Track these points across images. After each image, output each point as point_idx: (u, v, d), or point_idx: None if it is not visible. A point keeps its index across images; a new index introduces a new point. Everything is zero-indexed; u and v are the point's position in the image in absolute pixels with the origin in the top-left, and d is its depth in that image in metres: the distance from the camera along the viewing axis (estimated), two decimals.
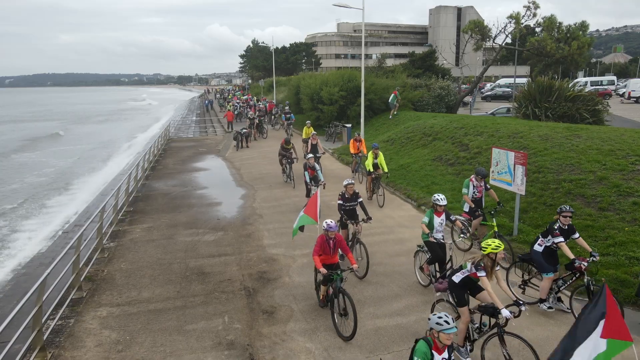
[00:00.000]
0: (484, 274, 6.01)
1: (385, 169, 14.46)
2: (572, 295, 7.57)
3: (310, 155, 14.45)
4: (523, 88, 24.24)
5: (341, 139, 26.29)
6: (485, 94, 50.62)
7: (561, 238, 7.38)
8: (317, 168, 13.94)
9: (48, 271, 7.26)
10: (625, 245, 9.07)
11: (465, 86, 40.20)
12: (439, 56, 50.73)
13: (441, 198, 8.30)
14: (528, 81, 25.99)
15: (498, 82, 59.24)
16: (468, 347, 6.39)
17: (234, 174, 19.92)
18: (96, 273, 9.82)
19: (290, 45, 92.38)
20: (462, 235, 8.58)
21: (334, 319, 7.40)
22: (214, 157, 24.55)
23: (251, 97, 49.86)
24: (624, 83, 50.51)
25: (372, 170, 14.29)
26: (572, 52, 30.42)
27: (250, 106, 40.88)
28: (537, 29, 34.03)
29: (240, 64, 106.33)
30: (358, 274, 8.98)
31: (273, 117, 36.77)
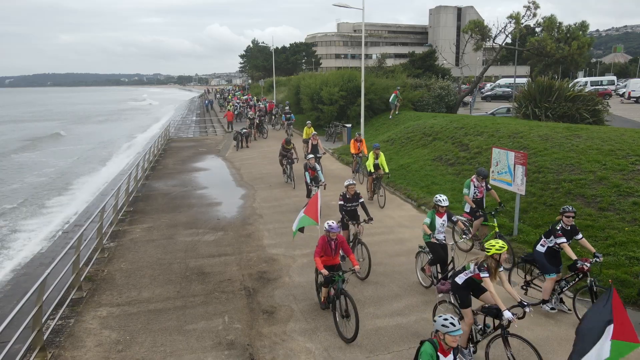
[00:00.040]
0: (487, 275, 5.99)
1: (386, 170, 14.40)
2: (575, 296, 7.53)
3: (310, 155, 14.40)
4: (523, 88, 24.26)
5: (341, 139, 26.29)
6: (485, 94, 50.62)
7: (563, 239, 7.33)
8: (318, 168, 13.91)
9: (48, 271, 7.26)
10: (625, 245, 9.08)
11: (465, 86, 40.18)
12: (439, 56, 50.75)
13: (443, 199, 8.26)
14: (528, 81, 26.01)
15: (498, 82, 59.23)
16: (471, 349, 6.37)
17: (234, 174, 19.92)
18: (96, 273, 9.83)
19: (290, 45, 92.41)
20: (464, 236, 8.55)
21: (336, 321, 7.34)
22: (214, 157, 24.55)
23: (251, 97, 49.86)
24: (624, 83, 50.50)
25: (373, 170, 14.24)
26: (572, 52, 30.43)
27: (250, 106, 40.87)
28: (537, 29, 34.07)
29: (240, 64, 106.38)
30: (360, 275, 8.91)
31: (273, 117, 36.76)
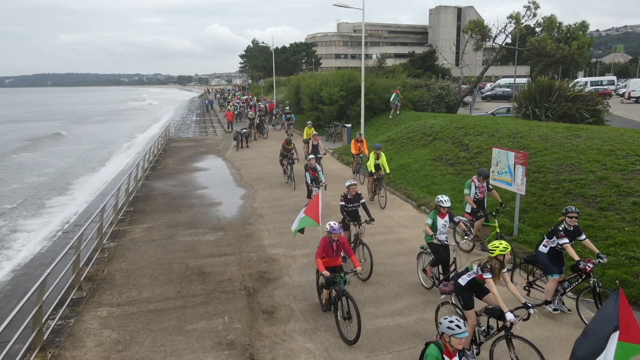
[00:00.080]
0: (490, 276, 5.95)
1: (387, 170, 14.27)
2: (579, 297, 7.47)
3: (311, 156, 14.33)
4: (523, 88, 24.25)
5: (341, 139, 26.30)
6: (485, 94, 50.63)
7: (566, 239, 7.27)
8: (319, 169, 13.85)
9: (48, 271, 7.26)
10: (625, 245, 9.07)
11: (465, 86, 40.18)
12: (439, 56, 50.76)
13: (445, 200, 8.19)
14: (528, 81, 26.01)
15: (498, 82, 59.24)
16: (474, 351, 6.33)
17: (234, 174, 19.92)
18: (96, 273, 9.83)
19: (290, 45, 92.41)
20: (466, 237, 8.51)
21: (338, 323, 7.28)
22: (214, 157, 24.55)
23: (251, 97, 49.88)
24: (624, 83, 50.51)
25: (374, 171, 14.16)
26: (572, 52, 30.41)
27: (250, 106, 40.88)
28: (537, 29, 34.04)
29: (240, 64, 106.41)
30: (361, 277, 8.84)
31: (274, 117, 36.74)
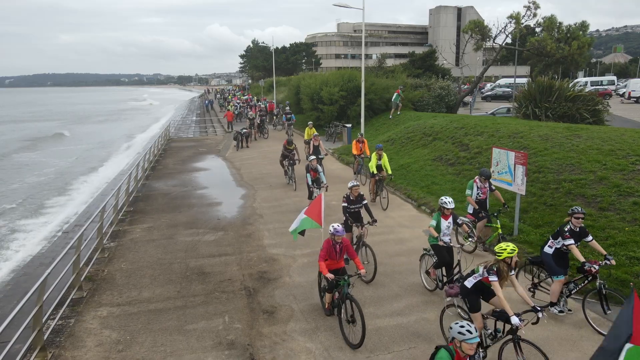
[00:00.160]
0: (496, 279, 5.87)
1: (389, 171, 14.10)
2: (585, 299, 7.39)
3: (312, 157, 14.14)
4: (523, 88, 24.25)
5: (341, 139, 26.31)
6: (485, 94, 50.63)
7: (571, 240, 7.19)
8: (320, 170, 13.72)
9: (48, 271, 7.26)
10: (625, 245, 9.07)
11: (465, 86, 40.19)
12: (439, 56, 50.75)
13: (449, 201, 8.07)
14: (528, 81, 26.01)
15: (498, 82, 59.24)
16: (481, 354, 6.22)
17: (234, 174, 19.93)
18: (96, 273, 9.83)
19: (290, 45, 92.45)
20: (470, 239, 8.45)
21: (342, 326, 7.20)
22: (214, 157, 24.56)
23: (251, 97, 49.91)
24: (624, 83, 50.51)
25: (376, 172, 14.03)
26: (572, 52, 30.38)
27: (251, 106, 40.90)
28: (537, 29, 33.99)
29: (240, 64, 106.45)
30: (365, 279, 8.77)
31: (275, 118, 36.73)
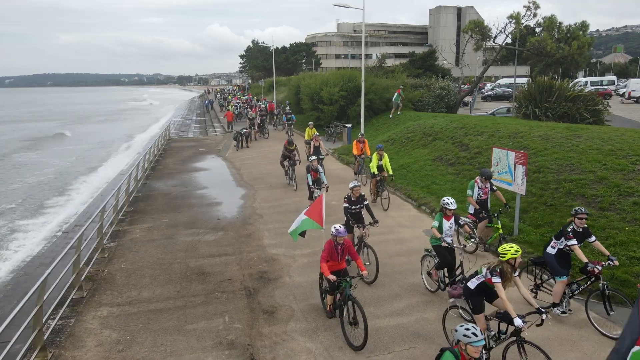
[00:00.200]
0: (499, 280, 5.83)
1: (390, 172, 14.02)
2: (588, 299, 7.35)
3: (313, 157, 14.01)
4: (523, 88, 24.25)
5: (341, 139, 26.31)
6: (485, 94, 50.64)
7: (574, 241, 7.15)
8: (320, 170, 13.64)
9: (49, 271, 7.26)
10: (625, 245, 9.07)
11: (465, 86, 40.19)
12: (439, 56, 50.76)
13: (451, 202, 8.01)
14: (528, 81, 26.01)
15: (498, 82, 59.24)
16: (484, 356, 6.21)
17: (234, 174, 19.93)
18: (96, 273, 9.83)
19: (290, 45, 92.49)
20: (472, 240, 8.41)
21: (344, 328, 7.15)
22: (214, 157, 24.56)
23: (251, 97, 49.94)
24: (624, 83, 50.51)
25: (377, 172, 13.95)
26: (572, 52, 30.38)
27: (251, 106, 40.92)
28: (537, 29, 33.99)
29: (240, 64, 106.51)
30: (367, 280, 8.73)
31: (275, 118, 36.73)
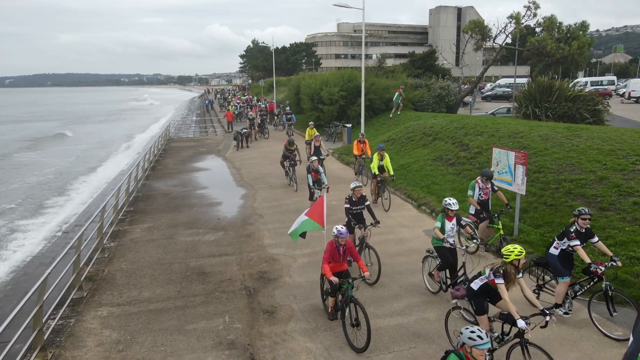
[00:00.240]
0: (502, 282, 5.80)
1: (391, 172, 13.94)
2: (590, 300, 7.34)
3: (314, 157, 13.93)
4: (523, 88, 24.25)
5: (341, 139, 26.32)
6: (485, 94, 50.66)
7: (577, 241, 7.14)
8: (321, 171, 13.59)
9: (49, 271, 7.26)
10: (625, 245, 9.07)
11: (465, 86, 40.19)
12: (439, 56, 50.78)
13: (453, 202, 7.97)
14: (528, 81, 26.00)
15: (498, 82, 59.24)
16: (487, 357, 6.25)
17: (234, 174, 19.92)
18: (97, 273, 9.83)
19: (290, 45, 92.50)
20: (475, 241, 8.39)
21: (345, 330, 7.08)
22: (214, 157, 24.56)
23: (251, 97, 49.96)
24: (624, 83, 50.52)
25: (378, 173, 13.89)
26: (572, 52, 30.37)
27: (251, 106, 40.93)
28: (537, 29, 33.98)
29: (240, 64, 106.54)
30: (369, 281, 8.69)
31: (276, 118, 36.73)
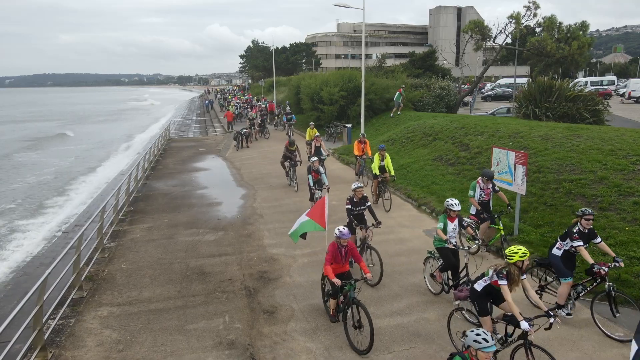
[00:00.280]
0: (505, 283, 5.77)
1: (392, 172, 13.89)
2: (593, 301, 7.32)
3: (315, 158, 13.86)
4: (523, 88, 24.26)
5: (341, 139, 26.32)
6: (485, 94, 50.67)
7: (580, 242, 7.13)
8: (322, 171, 13.54)
9: (49, 271, 7.26)
10: (626, 245, 9.06)
11: (465, 86, 40.20)
12: (439, 56, 50.80)
13: (455, 203, 7.94)
14: (528, 81, 26.01)
15: (498, 82, 59.25)
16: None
17: (234, 174, 19.92)
18: (97, 273, 9.83)
19: (290, 45, 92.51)
20: (477, 242, 8.39)
21: (347, 332, 7.04)
22: (214, 157, 24.56)
23: (251, 97, 49.98)
24: (624, 83, 50.52)
25: (379, 173, 13.84)
26: (572, 52, 30.37)
27: (251, 106, 40.95)
28: (537, 29, 33.99)
29: (240, 64, 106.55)
30: (371, 283, 8.67)
31: (276, 117, 36.74)
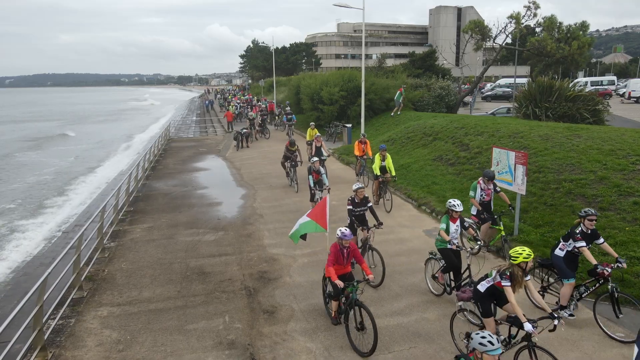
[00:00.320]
0: (509, 284, 5.74)
1: (393, 173, 13.84)
2: (596, 302, 7.30)
3: (315, 158, 13.81)
4: (523, 88, 24.27)
5: (341, 139, 26.32)
6: (485, 94, 50.69)
7: (583, 242, 7.09)
8: (322, 172, 13.48)
9: (49, 271, 7.26)
10: (626, 245, 9.06)
11: (465, 86, 40.20)
12: (439, 56, 50.86)
13: (457, 204, 7.91)
14: (528, 81, 26.01)
15: (498, 82, 59.27)
16: None
17: (235, 174, 19.93)
18: (97, 273, 9.83)
19: (290, 45, 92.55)
20: (479, 243, 8.39)
21: (349, 334, 7.00)
22: (214, 157, 24.56)
23: (252, 97, 50.00)
24: (624, 83, 50.54)
25: (380, 173, 13.78)
26: (573, 52, 30.39)
27: (251, 106, 40.96)
28: (538, 29, 34.01)
29: (240, 64, 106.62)
30: (373, 284, 8.66)
31: (276, 117, 36.75)
